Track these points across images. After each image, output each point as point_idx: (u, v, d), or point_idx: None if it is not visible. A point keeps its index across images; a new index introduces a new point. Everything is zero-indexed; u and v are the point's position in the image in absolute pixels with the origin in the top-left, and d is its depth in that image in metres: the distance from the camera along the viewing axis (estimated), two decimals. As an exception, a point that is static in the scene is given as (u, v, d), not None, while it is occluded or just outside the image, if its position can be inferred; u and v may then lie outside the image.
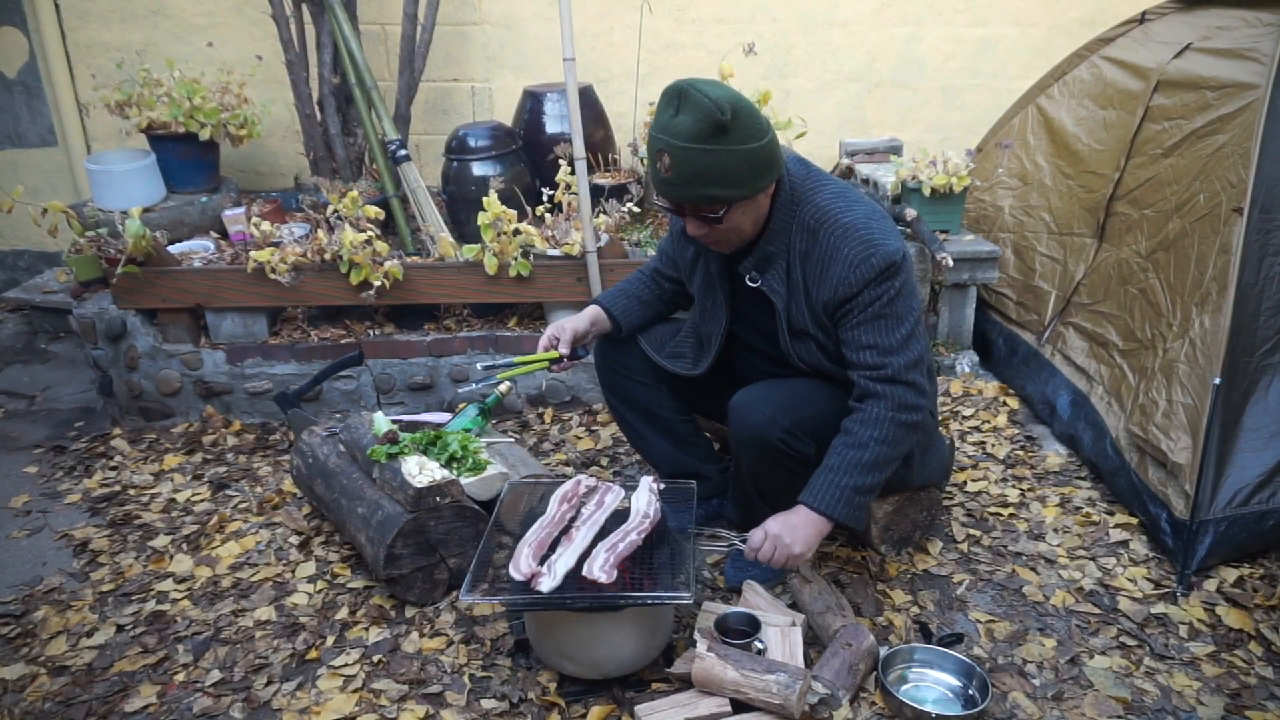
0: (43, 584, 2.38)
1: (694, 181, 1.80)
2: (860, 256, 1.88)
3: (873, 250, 1.87)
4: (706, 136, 1.75)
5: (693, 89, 1.75)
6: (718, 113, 1.72)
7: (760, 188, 1.86)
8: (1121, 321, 2.70)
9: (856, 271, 1.88)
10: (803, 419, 2.00)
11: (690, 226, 1.93)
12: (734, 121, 1.75)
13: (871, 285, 1.88)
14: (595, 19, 3.91)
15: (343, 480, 2.38)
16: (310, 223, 3.31)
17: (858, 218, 1.91)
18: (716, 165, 1.78)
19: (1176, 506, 2.23)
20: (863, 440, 1.91)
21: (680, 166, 1.79)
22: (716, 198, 1.83)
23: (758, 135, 1.80)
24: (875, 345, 1.92)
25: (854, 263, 1.88)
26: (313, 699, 1.96)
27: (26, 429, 3.26)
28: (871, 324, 1.92)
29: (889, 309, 1.90)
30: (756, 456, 2.05)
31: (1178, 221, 2.56)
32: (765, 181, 1.87)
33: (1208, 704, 1.87)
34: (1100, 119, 3.11)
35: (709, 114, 1.73)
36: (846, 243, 1.89)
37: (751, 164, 1.81)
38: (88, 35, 3.95)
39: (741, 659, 1.81)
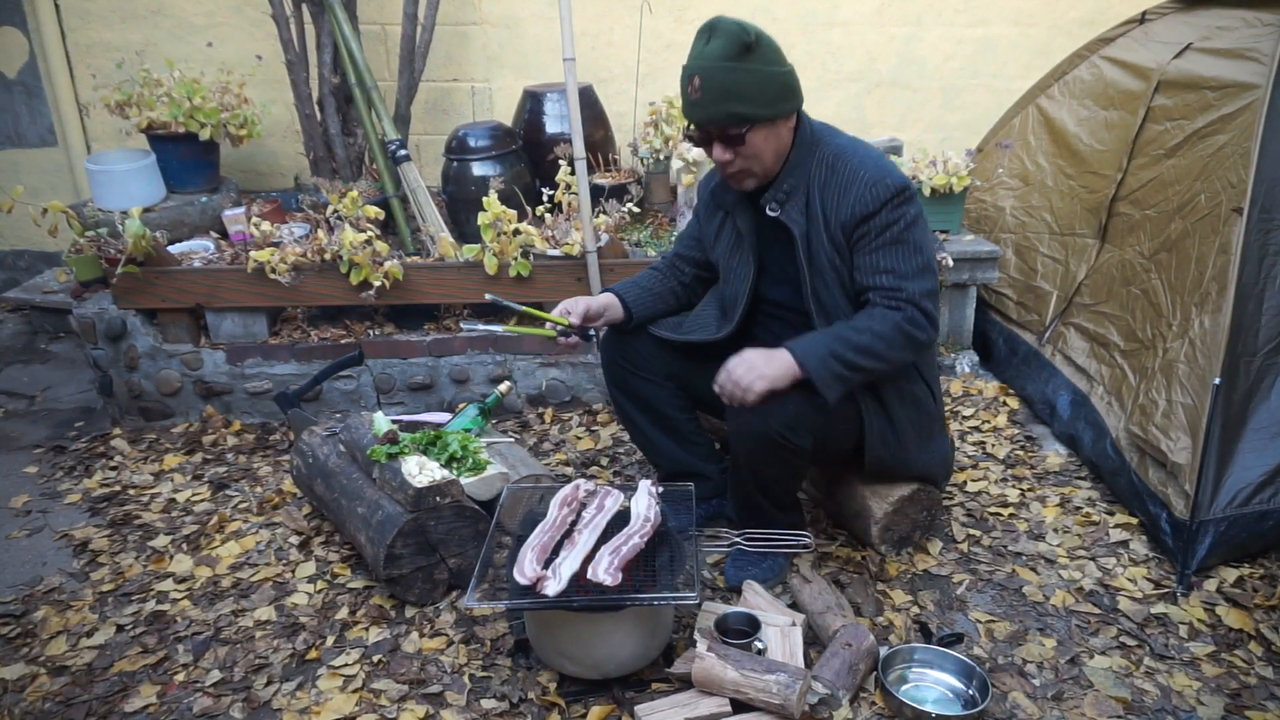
0: (43, 584, 2.38)
1: (721, 99, 1.93)
2: (877, 177, 1.98)
3: (888, 174, 1.98)
4: (734, 55, 1.90)
5: (722, 19, 1.93)
6: (744, 34, 1.89)
7: (781, 111, 1.99)
8: (1123, 322, 2.69)
9: (873, 190, 1.97)
10: (800, 415, 2.00)
11: (716, 151, 2.03)
12: (758, 44, 1.91)
13: (889, 206, 1.97)
14: (595, 19, 3.91)
15: (343, 480, 2.38)
16: (310, 223, 3.31)
17: (873, 154, 2.05)
18: (742, 83, 1.92)
19: (1176, 506, 2.22)
20: (860, 326, 1.97)
21: (709, 85, 1.93)
22: (742, 115, 1.95)
23: (780, 62, 1.97)
24: (892, 270, 1.98)
25: (871, 182, 1.97)
26: (313, 699, 1.96)
27: (26, 429, 3.26)
28: (888, 249, 1.98)
29: (906, 235, 1.98)
30: (753, 448, 2.06)
31: (1179, 222, 2.56)
32: (786, 106, 1.99)
33: (1208, 704, 1.87)
34: (1101, 119, 3.11)
35: (737, 36, 1.90)
36: (865, 168, 2.00)
37: (774, 85, 1.95)
38: (88, 35, 3.96)
39: (741, 659, 1.81)
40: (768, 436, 2.00)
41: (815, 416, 2.00)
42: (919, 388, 2.17)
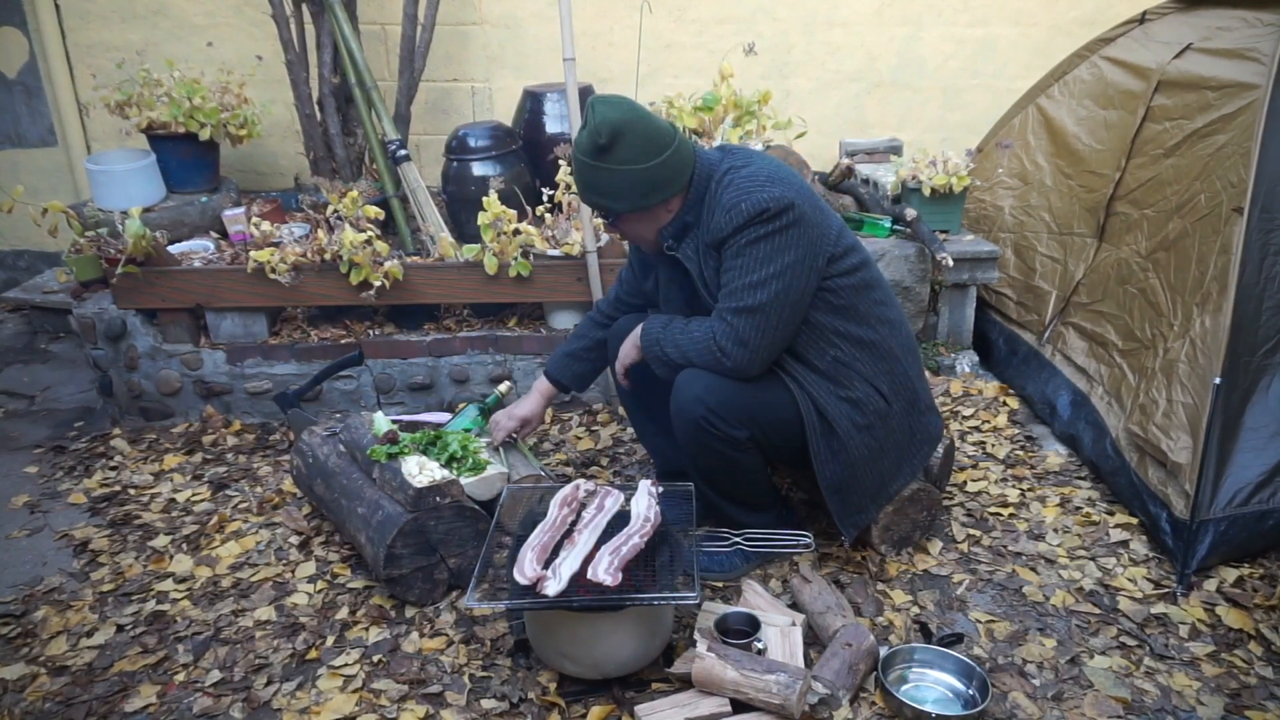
0: (43, 584, 2.38)
1: (585, 189, 2.03)
2: (733, 201, 1.94)
3: (746, 195, 1.93)
4: (590, 153, 1.94)
5: (595, 104, 1.93)
6: (597, 136, 1.90)
7: (648, 204, 2.00)
8: (1121, 321, 2.70)
9: (727, 216, 1.95)
10: (731, 402, 2.03)
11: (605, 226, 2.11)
12: (615, 144, 1.91)
13: (739, 231, 1.94)
14: (595, 19, 3.92)
15: (343, 480, 2.38)
16: (310, 223, 3.31)
17: (745, 173, 1.99)
18: (601, 181, 1.97)
19: (1176, 506, 2.22)
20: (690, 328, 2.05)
21: (576, 174, 2.02)
22: (604, 207, 2.03)
23: (644, 158, 1.93)
24: (726, 283, 1.99)
25: (726, 207, 1.95)
26: (313, 699, 1.96)
27: (26, 429, 3.26)
28: (731, 262, 1.97)
29: (748, 250, 1.95)
30: (685, 435, 2.10)
31: (1178, 221, 2.56)
32: (653, 199, 1.99)
33: (1208, 704, 1.87)
34: (1101, 119, 3.11)
35: (591, 135, 1.91)
36: (727, 191, 1.97)
37: (632, 184, 1.96)
38: (88, 35, 3.96)
39: (741, 659, 1.81)
40: (695, 421, 2.04)
41: (745, 406, 2.04)
42: (856, 389, 2.09)
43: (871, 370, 2.11)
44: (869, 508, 2.22)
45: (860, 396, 2.10)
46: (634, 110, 1.94)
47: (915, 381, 2.21)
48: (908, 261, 3.19)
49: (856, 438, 2.10)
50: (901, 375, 2.16)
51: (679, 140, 1.99)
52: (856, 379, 2.10)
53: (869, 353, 2.11)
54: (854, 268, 2.08)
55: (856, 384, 2.10)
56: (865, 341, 2.10)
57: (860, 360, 2.10)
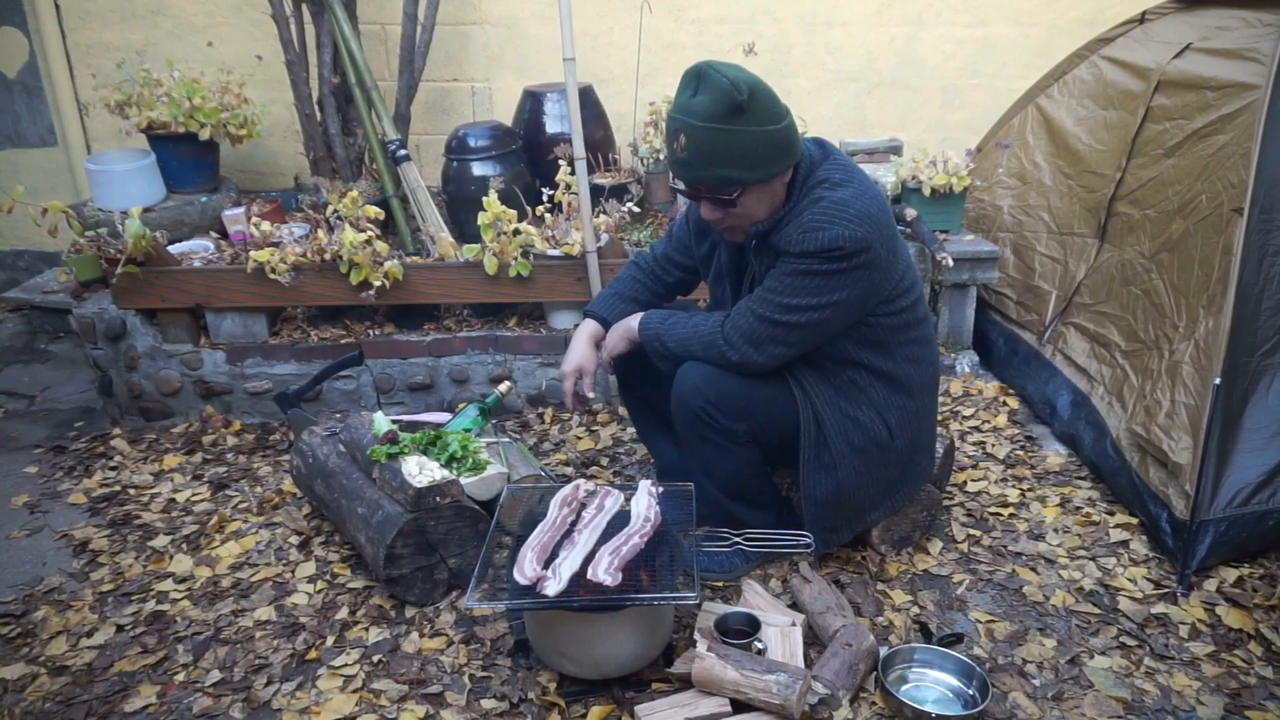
0: (43, 584, 2.38)
1: (710, 162, 1.81)
2: (814, 224, 1.86)
3: (829, 226, 1.85)
4: (723, 116, 1.76)
5: (712, 69, 1.77)
6: (735, 92, 1.74)
7: (775, 172, 1.87)
8: (1124, 322, 2.69)
9: (803, 237, 1.86)
10: (731, 395, 2.03)
11: (704, 210, 1.94)
12: (751, 102, 1.76)
13: (804, 256, 1.87)
14: (595, 19, 3.91)
15: (343, 480, 2.38)
16: (310, 223, 3.31)
17: (838, 195, 1.89)
18: (732, 146, 1.79)
19: (1177, 506, 2.22)
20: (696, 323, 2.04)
21: (696, 146, 1.80)
22: (731, 179, 1.83)
23: (775, 118, 1.82)
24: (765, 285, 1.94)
25: (806, 228, 1.86)
26: (313, 699, 1.96)
27: (26, 429, 3.26)
28: (780, 277, 1.92)
29: (804, 276, 1.88)
30: (685, 428, 2.10)
31: (1181, 222, 2.56)
32: (781, 166, 1.87)
33: (1208, 704, 1.87)
34: (1101, 119, 3.10)
35: (727, 94, 1.74)
36: (813, 209, 1.88)
37: (767, 146, 1.82)
38: (88, 35, 3.95)
39: (741, 659, 1.81)
40: (694, 411, 2.03)
41: (745, 401, 2.03)
42: (863, 413, 2.07)
43: (884, 401, 2.08)
44: (843, 529, 2.21)
45: (865, 420, 2.07)
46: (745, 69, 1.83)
47: (923, 421, 2.18)
48: (908, 261, 3.18)
49: (849, 458, 2.08)
50: (912, 413, 2.13)
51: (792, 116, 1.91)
52: (866, 404, 2.08)
53: (887, 385, 2.08)
54: (903, 309, 2.03)
55: (864, 408, 2.08)
56: (887, 375, 2.07)
57: (876, 388, 2.07)
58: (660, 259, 2.38)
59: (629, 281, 2.39)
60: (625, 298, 2.35)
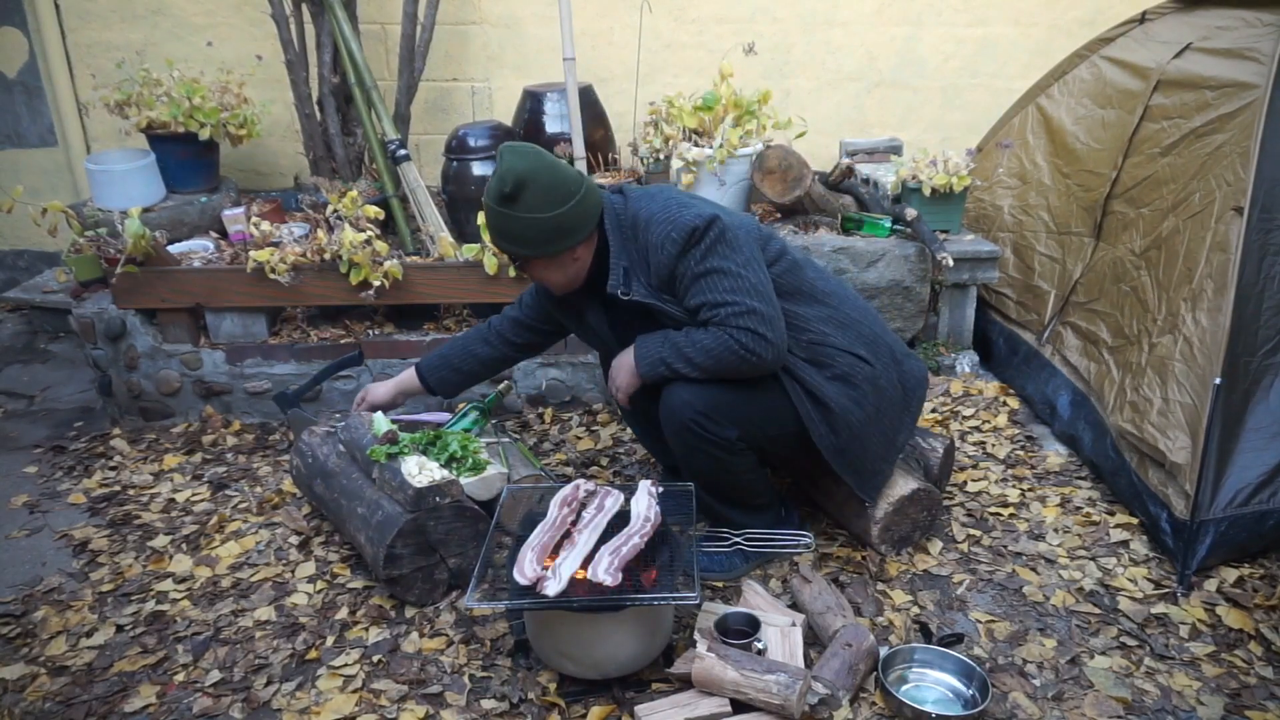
0: (43, 584, 2.38)
1: (495, 235, 2.07)
2: (662, 236, 2.02)
3: (670, 226, 2.01)
4: (497, 200, 1.98)
5: (504, 153, 1.98)
6: (503, 185, 1.95)
7: (554, 250, 2.04)
8: (1113, 319, 2.70)
9: (664, 251, 2.02)
10: (720, 404, 2.06)
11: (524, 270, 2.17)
12: (521, 193, 1.95)
13: (681, 256, 2.01)
14: (595, 19, 3.91)
15: (343, 480, 2.38)
16: (310, 223, 3.30)
17: (655, 209, 2.07)
18: (508, 227, 2.01)
19: (1177, 506, 2.22)
20: (695, 340, 2.04)
21: (487, 221, 2.06)
22: (512, 253, 2.09)
23: (550, 206, 1.98)
24: (706, 302, 2.01)
25: (659, 244, 2.02)
26: (313, 699, 1.96)
27: (26, 429, 3.26)
28: (696, 285, 2.01)
29: (704, 267, 2.00)
30: (677, 441, 2.13)
31: (1172, 220, 2.56)
32: (560, 246, 2.03)
33: (1208, 704, 1.87)
34: (1099, 118, 3.11)
35: (498, 183, 1.97)
36: (650, 231, 2.04)
37: (540, 232, 2.00)
38: (88, 35, 3.96)
39: (741, 659, 1.81)
40: (684, 424, 2.07)
41: (734, 405, 2.07)
42: (841, 361, 2.15)
43: (844, 339, 2.17)
44: (882, 468, 2.26)
45: (846, 369, 2.15)
46: (540, 159, 1.99)
47: (885, 336, 2.28)
48: (908, 261, 3.19)
49: (854, 409, 2.15)
50: (870, 335, 2.22)
51: (586, 188, 2.04)
52: (836, 354, 2.15)
53: (833, 325, 2.17)
54: (779, 254, 2.16)
55: (838, 359, 2.15)
56: (824, 316, 2.16)
57: (831, 334, 2.16)
58: (509, 322, 2.49)
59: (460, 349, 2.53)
60: (452, 365, 2.52)
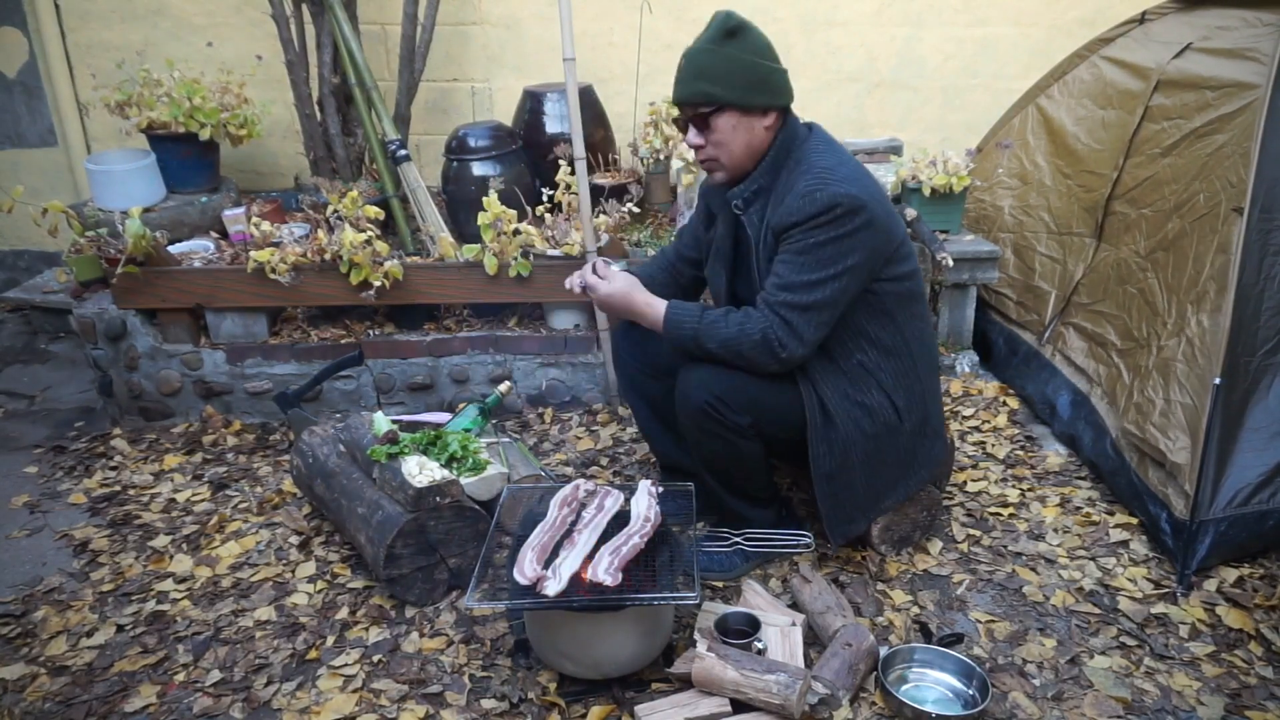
0: (43, 584, 2.38)
1: (693, 77, 1.98)
2: (808, 189, 1.93)
3: (822, 186, 1.92)
4: (716, 38, 1.96)
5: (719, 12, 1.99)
6: (729, 20, 1.95)
7: (753, 101, 1.98)
8: (1120, 321, 2.70)
9: (800, 202, 1.93)
10: (736, 389, 2.05)
11: (689, 134, 2.06)
12: (741, 31, 1.96)
13: (809, 222, 1.93)
14: (595, 19, 3.91)
15: (343, 480, 2.38)
16: (310, 223, 3.31)
17: (829, 161, 1.99)
18: (716, 64, 1.96)
19: (1176, 506, 2.22)
20: (731, 321, 1.99)
21: (687, 65, 2.00)
22: (709, 94, 1.97)
23: (762, 55, 1.98)
24: (780, 276, 1.97)
25: (801, 193, 1.93)
26: (313, 699, 1.96)
27: (26, 429, 3.26)
28: (790, 260, 1.96)
29: (813, 250, 1.94)
30: (690, 423, 2.11)
31: (1177, 221, 2.56)
32: (760, 99, 1.99)
33: (1208, 704, 1.87)
34: (1099, 119, 3.10)
35: (722, 20, 1.96)
36: (805, 177, 1.96)
37: (749, 73, 1.96)
38: (88, 35, 3.95)
39: (741, 659, 1.81)
40: (700, 407, 2.05)
41: (751, 395, 2.05)
42: (872, 397, 2.09)
43: (893, 383, 2.10)
44: (858, 518, 2.21)
45: (874, 405, 2.09)
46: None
47: (930, 403, 2.20)
48: (908, 261, 3.18)
49: (860, 442, 2.10)
50: (919, 394, 2.16)
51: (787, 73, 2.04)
52: (874, 387, 2.10)
53: (895, 363, 2.10)
54: (905, 275, 2.08)
55: (873, 392, 2.09)
56: (894, 351, 2.09)
57: (884, 370, 2.10)
58: (673, 260, 2.44)
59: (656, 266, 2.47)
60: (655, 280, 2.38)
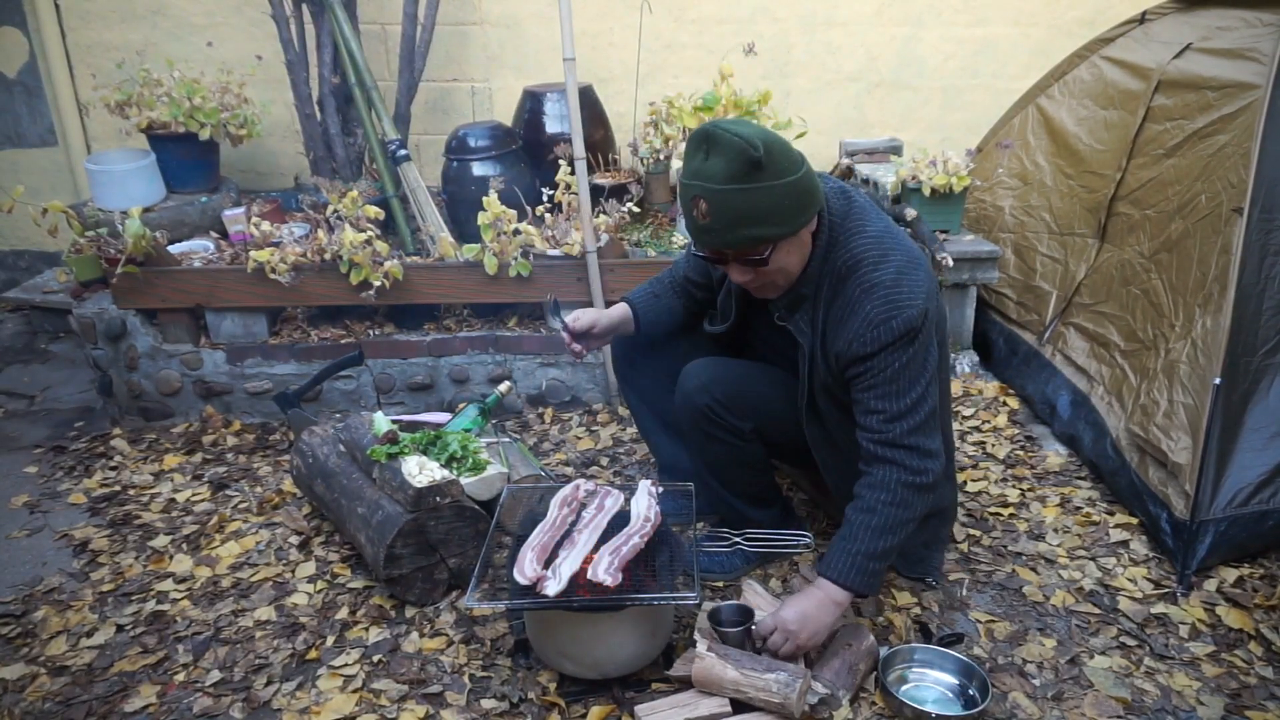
0: (43, 584, 2.38)
1: (735, 224, 1.74)
2: (881, 317, 1.79)
3: (895, 313, 1.78)
4: (742, 175, 1.69)
5: (720, 130, 1.70)
6: (751, 149, 1.67)
7: (803, 222, 1.80)
8: (1123, 322, 2.69)
9: (874, 332, 1.80)
10: (737, 393, 2.04)
11: (734, 274, 1.86)
12: (768, 157, 1.69)
13: (888, 350, 1.80)
14: (595, 19, 3.92)
15: (343, 480, 2.38)
16: (310, 223, 3.31)
17: (888, 274, 1.83)
18: (757, 204, 1.72)
19: (1177, 506, 2.22)
20: (871, 504, 1.85)
21: (719, 211, 1.73)
22: (760, 237, 1.76)
23: (793, 168, 1.74)
24: (882, 411, 1.84)
25: (874, 322, 1.79)
26: (313, 699, 1.96)
27: (26, 429, 3.26)
28: (882, 388, 1.83)
29: (902, 374, 1.82)
30: (690, 424, 2.10)
31: (1180, 222, 2.56)
32: (807, 216, 1.80)
33: (1208, 704, 1.87)
34: (1101, 119, 3.10)
35: (742, 152, 1.67)
36: (871, 299, 1.81)
37: (791, 198, 1.74)
38: (88, 35, 3.96)
39: (741, 658, 1.81)
40: (701, 410, 2.04)
41: (751, 396, 2.05)
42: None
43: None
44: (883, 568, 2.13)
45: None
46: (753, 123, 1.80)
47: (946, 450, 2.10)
48: (908, 261, 3.18)
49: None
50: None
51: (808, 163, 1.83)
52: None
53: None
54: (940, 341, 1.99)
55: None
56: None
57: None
58: (682, 281, 2.30)
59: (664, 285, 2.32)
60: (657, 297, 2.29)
